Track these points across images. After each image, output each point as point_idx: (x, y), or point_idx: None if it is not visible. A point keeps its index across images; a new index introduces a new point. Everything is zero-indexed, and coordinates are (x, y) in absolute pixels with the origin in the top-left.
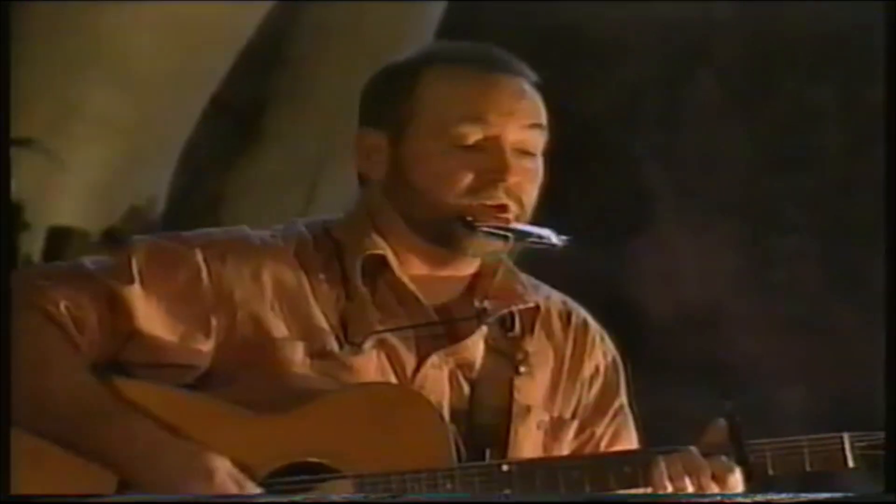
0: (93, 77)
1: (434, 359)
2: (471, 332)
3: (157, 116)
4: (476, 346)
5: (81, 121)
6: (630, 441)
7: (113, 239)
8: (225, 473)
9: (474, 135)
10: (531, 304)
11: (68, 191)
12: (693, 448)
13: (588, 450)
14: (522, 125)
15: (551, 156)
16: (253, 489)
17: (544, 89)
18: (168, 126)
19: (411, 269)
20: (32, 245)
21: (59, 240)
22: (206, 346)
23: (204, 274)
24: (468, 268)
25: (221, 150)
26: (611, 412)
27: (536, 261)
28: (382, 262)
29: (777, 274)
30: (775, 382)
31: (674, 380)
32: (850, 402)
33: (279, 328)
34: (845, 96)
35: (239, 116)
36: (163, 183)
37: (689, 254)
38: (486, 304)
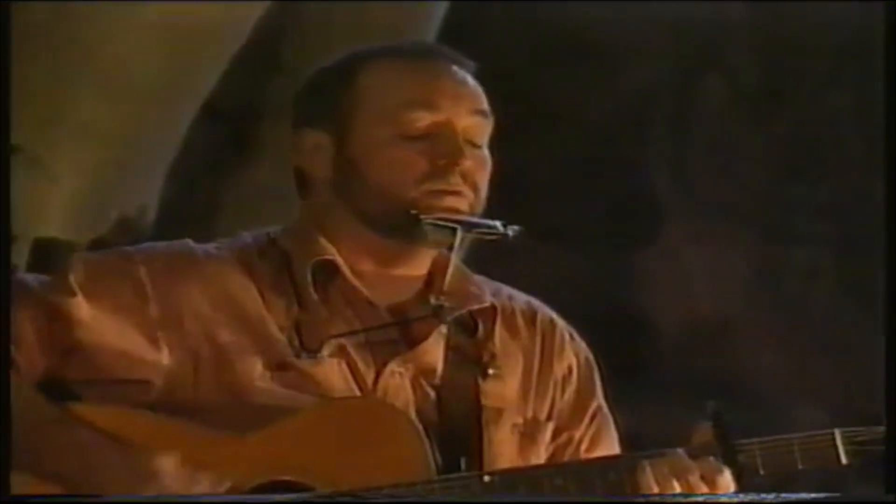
0: (81, 84)
1: (392, 366)
2: (429, 334)
3: (148, 124)
4: (436, 350)
5: (69, 128)
6: (611, 443)
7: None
8: (170, 475)
9: (423, 120)
10: (486, 304)
11: (56, 200)
12: (680, 450)
13: (567, 454)
14: (470, 110)
15: (558, 161)
16: (205, 486)
17: (482, 78)
18: (159, 134)
19: (363, 269)
20: (18, 256)
21: (46, 250)
22: (155, 358)
23: (148, 289)
24: (422, 266)
25: (214, 158)
26: (588, 414)
27: (540, 264)
28: (333, 266)
29: (788, 284)
30: (784, 395)
31: (679, 389)
32: (859, 412)
33: (233, 342)
34: (860, 102)
35: (233, 124)
36: (153, 192)
37: (699, 262)
38: (443, 299)
